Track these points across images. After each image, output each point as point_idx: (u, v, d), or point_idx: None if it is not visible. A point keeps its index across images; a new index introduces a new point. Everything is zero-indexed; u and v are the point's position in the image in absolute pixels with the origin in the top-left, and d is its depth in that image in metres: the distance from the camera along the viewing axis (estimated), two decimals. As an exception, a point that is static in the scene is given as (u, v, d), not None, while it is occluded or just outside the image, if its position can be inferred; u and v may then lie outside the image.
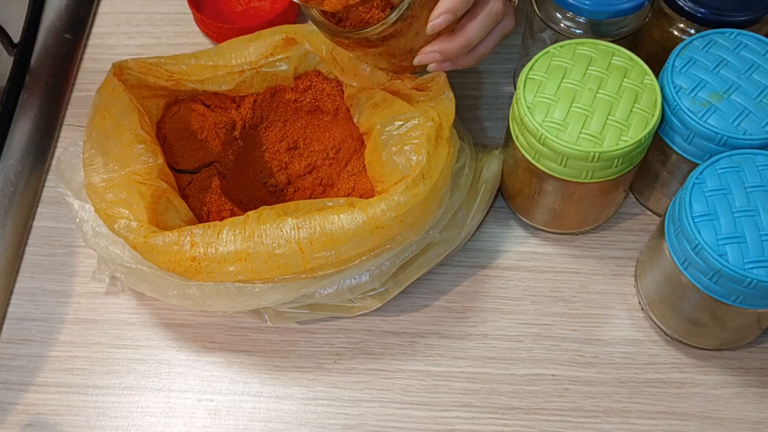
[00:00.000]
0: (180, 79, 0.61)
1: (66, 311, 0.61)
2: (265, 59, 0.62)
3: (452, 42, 0.54)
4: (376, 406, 0.56)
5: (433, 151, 0.53)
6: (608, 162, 0.52)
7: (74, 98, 0.71)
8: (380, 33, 0.52)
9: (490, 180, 0.60)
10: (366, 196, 0.57)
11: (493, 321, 0.59)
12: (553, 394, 0.56)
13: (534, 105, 0.53)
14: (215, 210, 0.58)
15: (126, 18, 0.76)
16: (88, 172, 0.56)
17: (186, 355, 0.59)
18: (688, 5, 0.56)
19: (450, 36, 0.54)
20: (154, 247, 0.52)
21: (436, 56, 0.55)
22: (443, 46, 0.54)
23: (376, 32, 0.52)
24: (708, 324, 0.53)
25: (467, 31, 0.54)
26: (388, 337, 0.59)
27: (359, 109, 0.60)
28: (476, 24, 0.54)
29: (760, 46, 0.55)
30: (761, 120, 0.52)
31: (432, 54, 0.55)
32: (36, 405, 0.57)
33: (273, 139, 0.64)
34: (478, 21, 0.54)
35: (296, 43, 0.62)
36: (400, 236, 0.52)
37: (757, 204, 0.49)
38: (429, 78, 0.58)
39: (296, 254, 0.51)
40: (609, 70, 0.54)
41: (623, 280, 0.60)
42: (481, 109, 0.68)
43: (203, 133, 0.62)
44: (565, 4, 0.56)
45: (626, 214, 0.63)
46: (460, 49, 0.54)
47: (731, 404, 0.55)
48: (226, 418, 0.56)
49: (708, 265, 0.48)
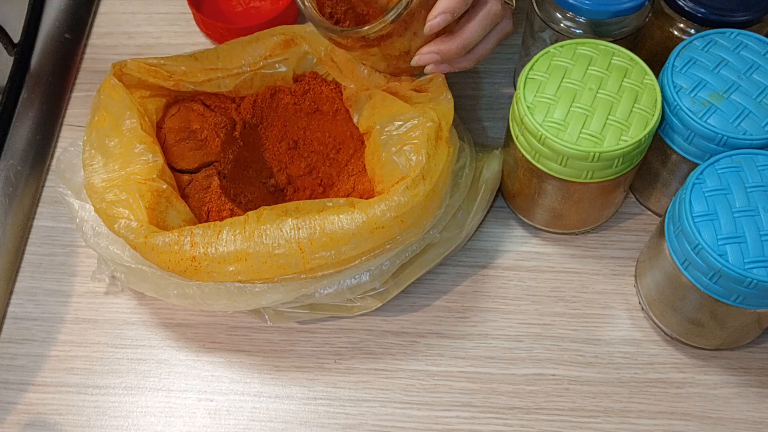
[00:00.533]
0: (180, 80, 0.61)
1: (66, 311, 0.61)
2: (264, 60, 0.62)
3: (450, 43, 0.54)
4: (376, 406, 0.56)
5: (433, 151, 0.53)
6: (608, 162, 0.52)
7: (74, 98, 0.71)
8: (378, 32, 0.52)
9: (490, 180, 0.60)
10: (366, 196, 0.57)
11: (493, 321, 0.59)
12: (553, 394, 0.56)
13: (534, 105, 0.53)
14: (215, 210, 0.58)
15: (126, 18, 0.76)
16: (88, 172, 0.56)
17: (186, 355, 0.59)
18: (688, 5, 0.56)
19: (448, 37, 0.54)
20: (154, 247, 0.52)
21: (433, 57, 0.54)
22: (441, 47, 0.54)
23: (373, 31, 0.52)
24: (708, 324, 0.53)
25: (465, 31, 0.54)
26: (388, 337, 0.59)
27: (358, 110, 0.60)
28: (474, 25, 0.54)
29: (760, 46, 0.55)
30: (761, 120, 0.52)
31: (430, 55, 0.54)
32: (36, 405, 0.57)
33: (273, 139, 0.64)
34: (477, 22, 0.54)
35: (295, 44, 0.62)
36: (400, 236, 0.52)
37: (757, 204, 0.49)
38: (427, 79, 0.58)
39: (296, 254, 0.51)
40: (609, 70, 0.54)
41: (623, 280, 0.60)
42: (481, 109, 0.68)
43: (203, 133, 0.62)
44: (566, 4, 0.56)
45: (626, 214, 0.63)
46: (458, 50, 0.54)
47: (731, 404, 0.55)
48: (226, 418, 0.56)
49: (708, 265, 0.48)
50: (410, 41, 0.54)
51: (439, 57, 0.54)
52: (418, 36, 0.53)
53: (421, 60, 0.55)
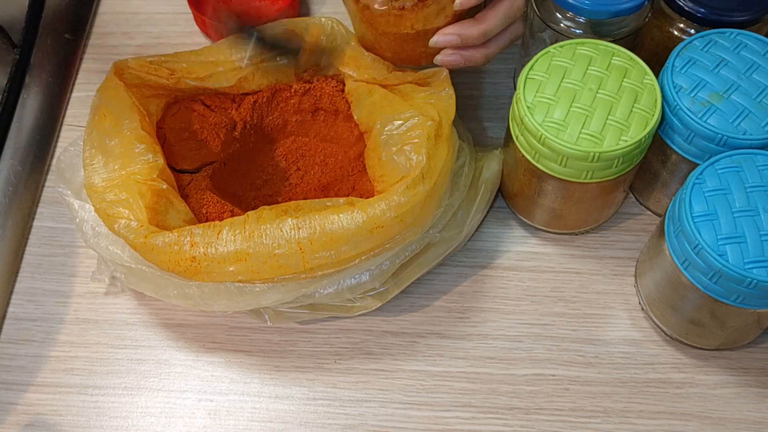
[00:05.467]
0: (181, 76, 0.61)
1: (66, 311, 0.61)
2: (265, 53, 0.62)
3: (472, 28, 0.55)
4: (376, 406, 0.56)
5: (433, 150, 0.53)
6: (608, 162, 0.52)
7: (74, 98, 0.71)
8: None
9: (490, 180, 0.60)
10: (366, 196, 0.57)
11: (493, 321, 0.59)
12: (553, 394, 0.56)
13: (534, 105, 0.53)
14: (215, 210, 0.58)
15: (126, 18, 0.76)
16: (88, 172, 0.56)
17: (186, 355, 0.59)
18: (688, 5, 0.56)
19: (471, 21, 0.55)
20: (154, 247, 0.52)
21: (454, 39, 0.55)
22: (463, 30, 0.54)
23: None
24: (708, 324, 0.53)
25: (488, 18, 0.55)
26: (388, 337, 0.59)
27: (359, 107, 0.60)
28: (498, 13, 0.55)
29: (760, 46, 0.55)
30: (761, 120, 0.52)
31: (450, 36, 0.54)
32: (36, 405, 0.57)
33: (273, 140, 0.64)
34: (501, 10, 0.55)
35: (297, 35, 0.62)
36: (400, 236, 0.52)
37: (757, 204, 0.49)
38: (430, 73, 0.58)
39: (296, 254, 0.51)
40: (609, 70, 0.54)
41: (623, 280, 0.60)
42: (481, 109, 0.68)
43: (203, 133, 0.62)
44: (565, 4, 0.56)
45: (626, 214, 0.63)
46: (478, 36, 0.55)
47: (731, 404, 0.55)
48: (226, 418, 0.56)
49: (708, 265, 0.48)
50: (435, 17, 0.54)
51: (458, 39, 0.54)
52: (443, 13, 0.54)
53: (440, 41, 0.55)
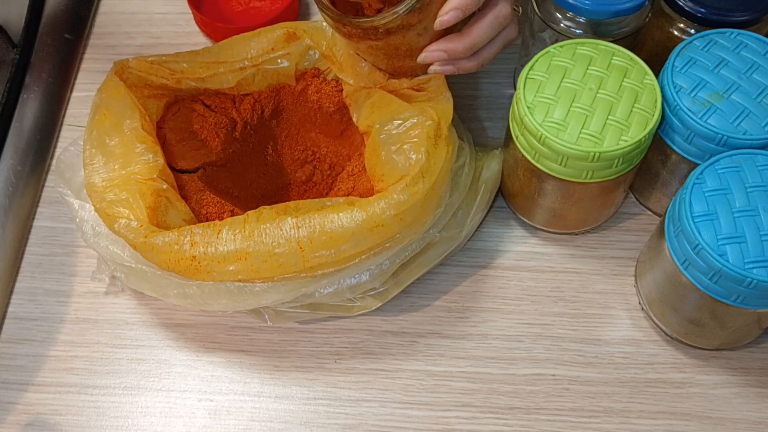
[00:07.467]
0: (181, 77, 0.61)
1: (66, 311, 0.61)
2: (266, 55, 0.62)
3: (458, 42, 0.54)
4: (376, 406, 0.56)
5: (433, 149, 0.53)
6: (608, 162, 0.52)
7: (74, 98, 0.71)
8: (389, 23, 0.51)
9: (490, 180, 0.60)
10: (366, 195, 0.57)
11: (493, 321, 0.59)
12: (553, 394, 0.56)
13: (534, 105, 0.53)
14: (215, 210, 0.58)
15: (126, 18, 0.76)
16: (88, 172, 0.56)
17: (186, 355, 0.59)
18: (688, 5, 0.56)
19: (456, 36, 0.54)
20: (154, 247, 0.52)
21: (440, 55, 0.54)
22: (449, 45, 0.54)
23: (385, 21, 0.51)
24: (708, 324, 0.53)
25: (474, 32, 0.54)
26: (388, 337, 0.59)
27: (358, 108, 0.60)
28: (483, 25, 0.54)
29: (760, 46, 0.55)
30: (761, 120, 0.52)
31: (437, 52, 0.54)
32: (36, 405, 0.57)
33: (273, 139, 0.64)
34: (485, 23, 0.53)
35: (297, 38, 0.62)
36: (400, 235, 0.52)
37: (757, 204, 0.49)
38: (426, 78, 0.58)
39: (296, 253, 0.51)
40: (609, 70, 0.54)
41: (623, 280, 0.60)
42: (481, 109, 0.68)
43: (203, 133, 0.62)
44: (565, 4, 0.56)
45: (626, 214, 0.63)
46: (465, 50, 0.54)
47: (731, 404, 0.55)
48: (226, 418, 0.56)
49: (708, 265, 0.48)
50: (418, 37, 0.53)
51: (445, 55, 0.54)
52: (427, 32, 0.53)
53: (427, 57, 0.54)
